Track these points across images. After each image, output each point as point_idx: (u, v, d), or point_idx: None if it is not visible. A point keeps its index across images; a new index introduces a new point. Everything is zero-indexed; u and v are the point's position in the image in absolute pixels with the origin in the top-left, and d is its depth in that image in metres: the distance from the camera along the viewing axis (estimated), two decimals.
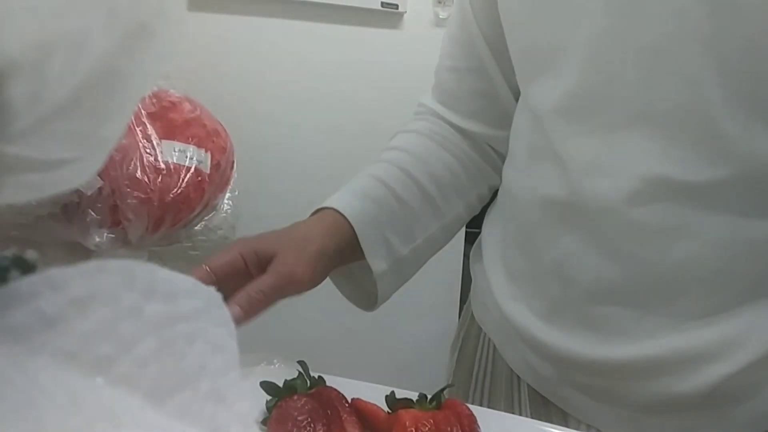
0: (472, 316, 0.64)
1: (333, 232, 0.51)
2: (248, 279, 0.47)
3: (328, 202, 0.53)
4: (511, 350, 0.57)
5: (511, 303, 0.53)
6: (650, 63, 0.39)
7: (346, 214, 0.51)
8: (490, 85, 0.57)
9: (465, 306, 0.71)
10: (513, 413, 0.56)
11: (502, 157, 0.60)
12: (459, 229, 0.62)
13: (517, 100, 0.57)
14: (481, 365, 0.62)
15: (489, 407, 0.57)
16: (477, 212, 0.63)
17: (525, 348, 0.53)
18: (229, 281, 0.46)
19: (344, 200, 0.53)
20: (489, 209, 0.64)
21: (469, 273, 0.65)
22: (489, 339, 0.61)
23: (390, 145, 0.61)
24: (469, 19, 0.55)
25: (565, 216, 0.47)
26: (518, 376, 0.57)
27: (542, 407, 0.55)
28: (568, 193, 0.45)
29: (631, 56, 0.40)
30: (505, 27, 0.51)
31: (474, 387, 0.62)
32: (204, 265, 0.46)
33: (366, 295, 0.57)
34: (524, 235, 0.52)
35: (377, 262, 0.52)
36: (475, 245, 0.65)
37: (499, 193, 0.60)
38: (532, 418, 0.55)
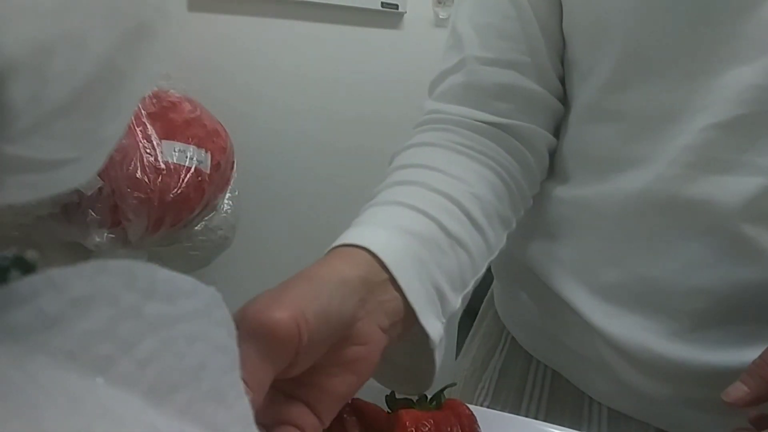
0: (512, 345, 0.61)
1: (361, 271, 0.33)
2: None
3: (351, 239, 0.35)
4: (596, 376, 0.52)
5: (616, 323, 0.47)
6: None
7: (382, 257, 0.34)
8: (536, 83, 0.49)
9: (481, 335, 0.67)
10: None
11: (540, 167, 0.52)
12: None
13: (562, 102, 0.51)
14: (534, 396, 0.58)
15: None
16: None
17: (632, 372, 0.47)
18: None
19: (375, 237, 0.36)
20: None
21: None
22: (544, 366, 0.58)
23: (402, 163, 0.45)
24: (523, 5, 0.47)
25: (684, 220, 0.42)
26: (590, 398, 0.53)
27: (623, 425, 0.52)
28: (690, 195, 0.41)
29: None
30: (593, 27, 0.45)
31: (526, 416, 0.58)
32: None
33: (408, 372, 0.39)
34: (620, 249, 0.47)
35: (433, 323, 0.35)
36: (504, 275, 0.60)
37: (549, 211, 0.53)
38: None
